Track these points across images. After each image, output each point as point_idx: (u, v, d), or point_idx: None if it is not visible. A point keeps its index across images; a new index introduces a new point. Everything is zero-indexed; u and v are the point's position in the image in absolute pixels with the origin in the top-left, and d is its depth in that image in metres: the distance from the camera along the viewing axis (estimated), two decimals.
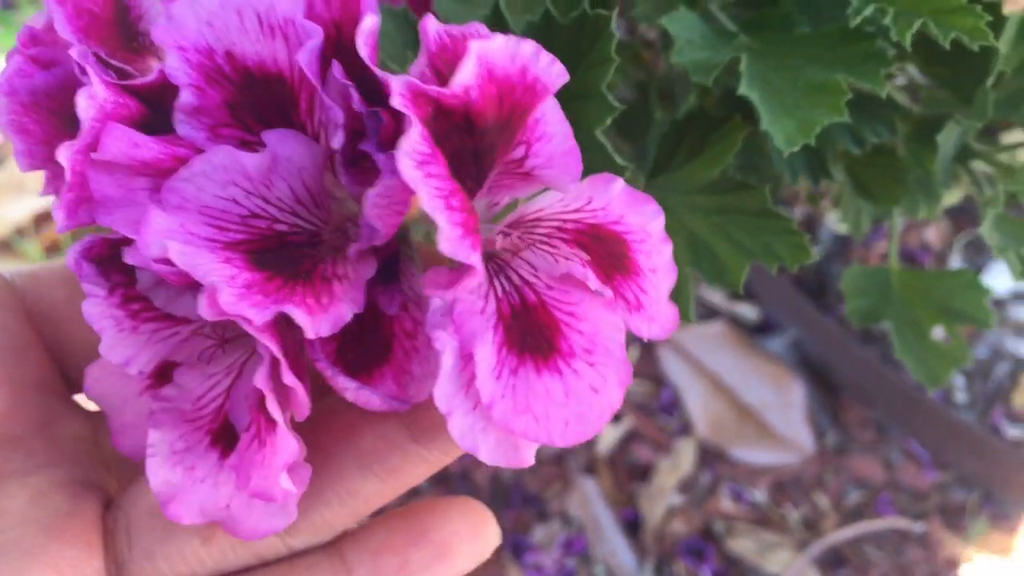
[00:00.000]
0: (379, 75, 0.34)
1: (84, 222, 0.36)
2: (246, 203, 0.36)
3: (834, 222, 1.57)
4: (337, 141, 0.35)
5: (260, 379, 0.35)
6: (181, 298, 0.38)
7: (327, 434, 0.42)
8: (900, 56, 0.54)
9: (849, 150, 0.60)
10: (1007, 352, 1.52)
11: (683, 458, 1.47)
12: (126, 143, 0.35)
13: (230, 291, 0.33)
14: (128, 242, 0.36)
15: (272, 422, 0.36)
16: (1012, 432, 1.46)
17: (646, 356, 1.55)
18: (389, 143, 0.34)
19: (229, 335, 0.40)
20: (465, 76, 0.32)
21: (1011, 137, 0.77)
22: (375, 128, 0.35)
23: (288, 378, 0.35)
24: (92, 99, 0.35)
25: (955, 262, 1.56)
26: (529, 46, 0.34)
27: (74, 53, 0.37)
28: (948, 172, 0.65)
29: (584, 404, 0.36)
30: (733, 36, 0.55)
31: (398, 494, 0.43)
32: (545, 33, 0.48)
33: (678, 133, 0.56)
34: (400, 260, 0.38)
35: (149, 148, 0.35)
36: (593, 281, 0.37)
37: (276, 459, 0.36)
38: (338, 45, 0.36)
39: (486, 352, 0.35)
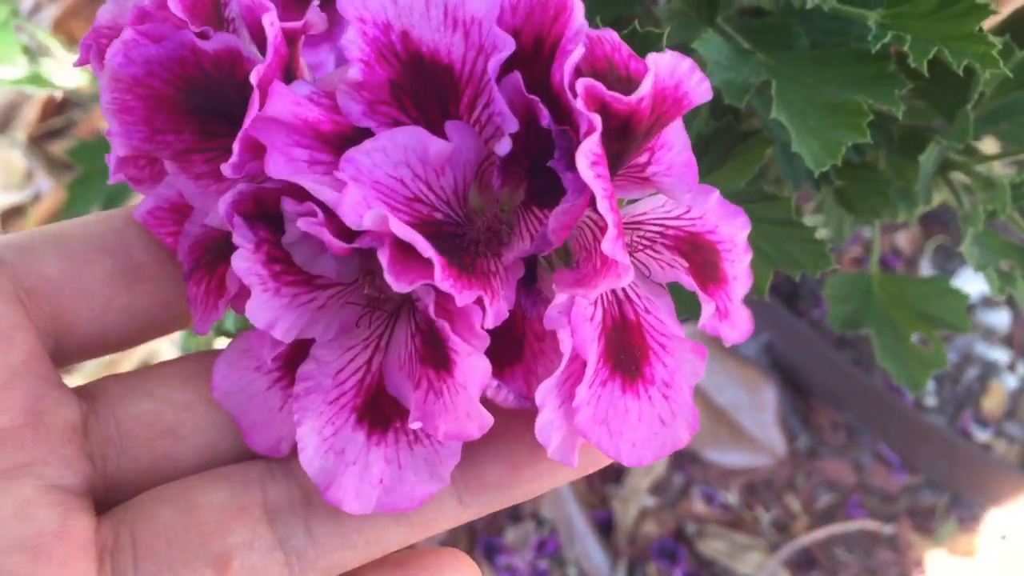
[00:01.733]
0: (566, 82, 0.34)
1: (251, 172, 0.37)
2: (411, 186, 0.36)
3: None
4: (503, 148, 0.36)
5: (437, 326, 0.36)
6: (321, 256, 0.38)
7: None
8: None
9: (850, 159, 0.61)
10: (977, 357, 1.54)
11: None
12: (290, 101, 0.35)
13: (440, 271, 0.34)
14: (285, 192, 0.36)
15: (451, 362, 0.36)
16: (981, 436, 1.48)
17: None
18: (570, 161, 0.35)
19: (377, 296, 0.41)
20: (645, 88, 0.33)
21: (988, 145, 0.77)
22: (565, 147, 0.35)
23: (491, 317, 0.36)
24: (273, 25, 0.36)
25: (925, 267, 1.57)
26: (687, 63, 0.35)
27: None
28: (929, 187, 0.66)
29: (652, 432, 0.38)
30: (750, 55, 0.56)
31: (418, 540, 0.42)
32: None
33: (703, 145, 0.58)
34: (537, 265, 0.39)
35: (311, 109, 0.36)
36: (697, 291, 0.39)
37: (463, 394, 0.36)
38: (516, 51, 0.36)
39: (592, 359, 0.37)
